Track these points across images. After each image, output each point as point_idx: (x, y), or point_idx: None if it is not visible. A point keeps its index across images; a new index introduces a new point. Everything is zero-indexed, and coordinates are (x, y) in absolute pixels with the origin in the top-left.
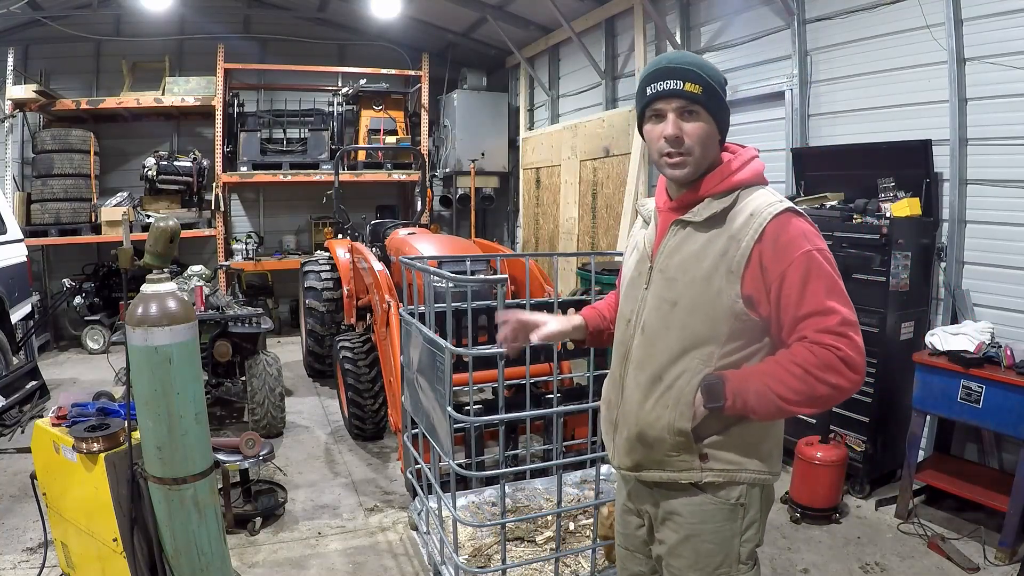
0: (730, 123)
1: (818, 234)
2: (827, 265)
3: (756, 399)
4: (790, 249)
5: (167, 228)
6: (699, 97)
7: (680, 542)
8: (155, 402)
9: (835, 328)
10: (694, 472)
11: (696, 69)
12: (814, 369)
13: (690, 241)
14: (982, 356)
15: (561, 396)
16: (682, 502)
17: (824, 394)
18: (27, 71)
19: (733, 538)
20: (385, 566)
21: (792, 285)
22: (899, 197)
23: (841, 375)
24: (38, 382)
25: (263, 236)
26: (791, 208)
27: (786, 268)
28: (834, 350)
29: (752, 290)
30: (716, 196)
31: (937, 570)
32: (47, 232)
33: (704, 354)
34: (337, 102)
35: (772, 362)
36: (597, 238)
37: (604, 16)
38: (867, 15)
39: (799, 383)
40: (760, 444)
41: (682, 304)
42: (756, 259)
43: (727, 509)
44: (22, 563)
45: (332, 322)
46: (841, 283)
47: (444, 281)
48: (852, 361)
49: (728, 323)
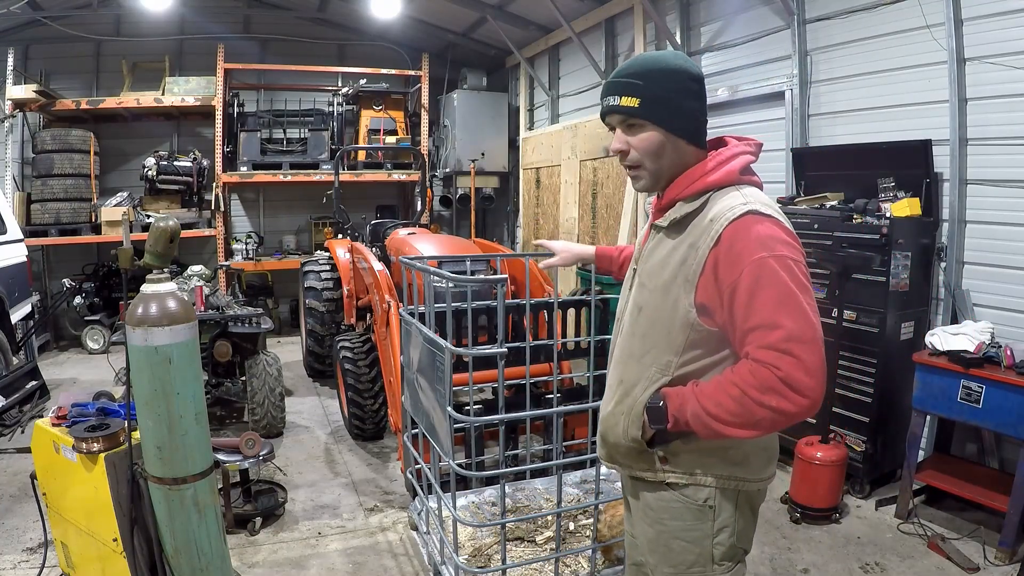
0: (702, 119)
1: (785, 239)
2: (782, 273)
3: (693, 421)
4: (743, 256)
5: (167, 228)
6: (636, 110)
7: (653, 537)
8: (155, 402)
9: (777, 344)
10: (657, 472)
11: (635, 80)
12: (751, 391)
13: (660, 247)
14: (982, 356)
15: (561, 396)
16: (653, 496)
17: (764, 417)
18: (27, 71)
19: (704, 539)
20: (385, 566)
21: (741, 295)
22: (899, 197)
23: (783, 397)
24: (38, 382)
25: (263, 236)
26: (754, 211)
27: (737, 277)
28: (773, 369)
29: (705, 299)
30: (686, 200)
31: (937, 570)
32: (47, 232)
33: (662, 363)
34: (337, 102)
35: (715, 382)
36: (597, 238)
37: (604, 16)
38: (867, 15)
39: (735, 405)
40: (729, 449)
41: (645, 311)
42: (711, 267)
43: (695, 509)
44: (22, 563)
45: (332, 322)
46: (800, 294)
47: (444, 281)
48: (795, 382)
49: (684, 333)
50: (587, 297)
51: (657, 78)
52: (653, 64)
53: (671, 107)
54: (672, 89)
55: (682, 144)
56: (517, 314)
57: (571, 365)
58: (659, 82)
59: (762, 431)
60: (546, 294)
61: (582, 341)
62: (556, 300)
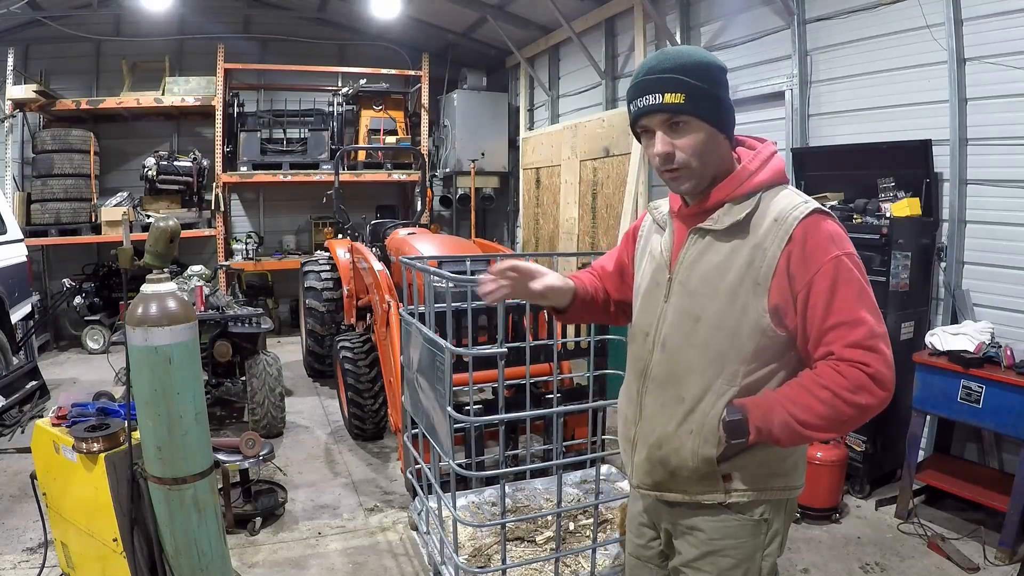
0: (735, 115)
1: (846, 237)
2: (856, 271)
3: (781, 430)
4: (818, 254)
5: (167, 228)
6: (683, 107)
7: (699, 557)
8: (155, 402)
9: (864, 342)
10: (718, 494)
11: (676, 75)
12: (843, 391)
13: (711, 251)
14: (982, 356)
15: (561, 396)
16: (703, 519)
17: (851, 416)
18: (27, 71)
19: (756, 552)
20: (385, 566)
21: (819, 294)
22: (899, 197)
23: (871, 394)
24: (38, 382)
25: (263, 236)
26: (818, 209)
27: (814, 275)
28: (863, 367)
29: (779, 299)
30: (736, 201)
31: (937, 570)
32: (47, 232)
33: (729, 373)
34: (337, 102)
35: (797, 386)
36: (597, 238)
37: (604, 16)
38: (867, 15)
39: (826, 408)
40: (785, 460)
41: (705, 319)
42: (783, 266)
43: (751, 525)
44: (22, 563)
45: (332, 322)
46: (870, 291)
47: (444, 281)
48: (882, 377)
49: (754, 340)
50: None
51: (697, 72)
52: (687, 58)
53: (716, 102)
54: (713, 82)
55: (723, 141)
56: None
57: (571, 365)
58: (699, 76)
59: (846, 431)
60: None
61: (582, 341)
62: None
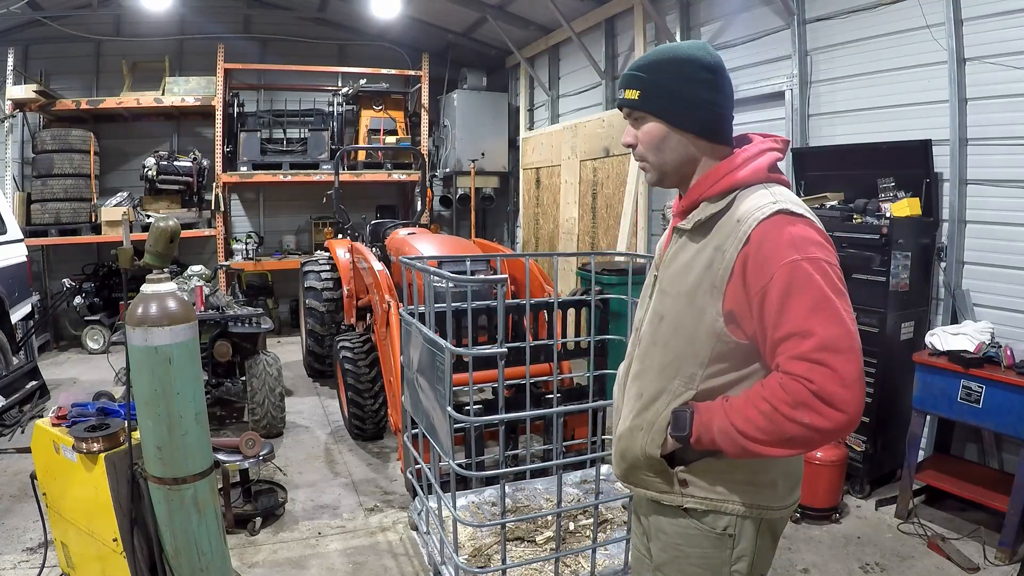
0: (718, 111)
1: (818, 239)
2: (816, 276)
3: (720, 437)
4: (773, 260)
5: (167, 228)
6: (635, 103)
7: (667, 561)
8: (155, 402)
9: (810, 355)
10: (675, 496)
11: (636, 71)
12: (782, 406)
13: (684, 251)
14: (982, 356)
15: (561, 396)
16: (668, 521)
17: (797, 434)
18: (27, 71)
19: (722, 566)
20: (385, 566)
21: (772, 302)
22: (899, 197)
23: (817, 413)
24: (38, 382)
25: (263, 236)
26: (785, 210)
27: (767, 282)
28: (804, 382)
29: (734, 305)
30: (711, 200)
31: (937, 570)
32: (47, 232)
33: (686, 375)
34: (337, 102)
35: (744, 396)
36: (597, 238)
37: (604, 16)
38: (867, 15)
39: (765, 422)
40: (757, 474)
41: (667, 319)
42: (739, 271)
43: (713, 537)
44: (22, 563)
45: (332, 322)
46: (836, 299)
47: (444, 281)
48: (829, 396)
49: (709, 344)
50: (587, 297)
51: (662, 69)
52: (662, 55)
53: (673, 98)
54: (677, 80)
55: (690, 138)
56: (517, 314)
57: (571, 365)
58: (663, 73)
59: (797, 449)
60: (546, 294)
61: (582, 341)
62: (556, 300)
